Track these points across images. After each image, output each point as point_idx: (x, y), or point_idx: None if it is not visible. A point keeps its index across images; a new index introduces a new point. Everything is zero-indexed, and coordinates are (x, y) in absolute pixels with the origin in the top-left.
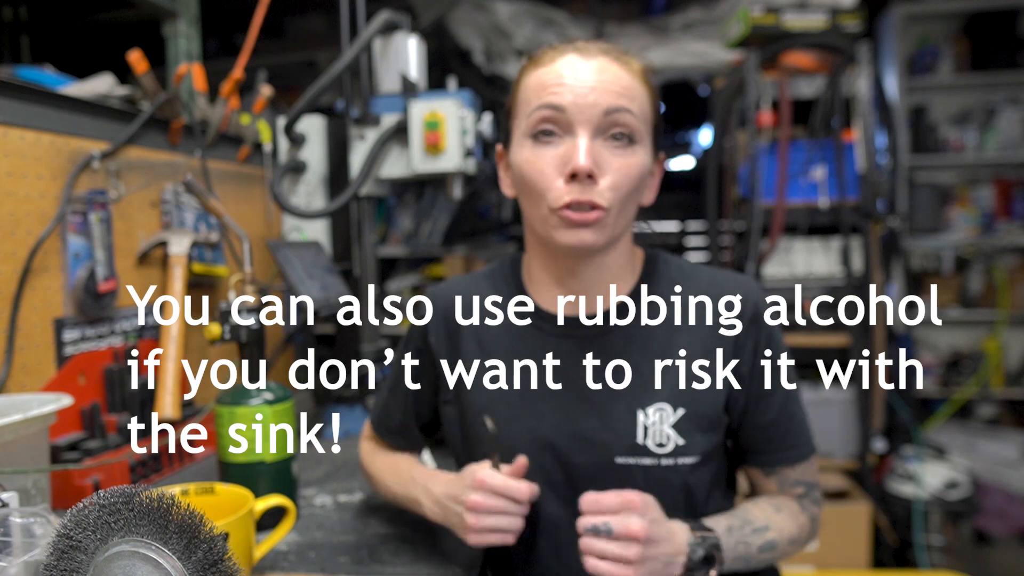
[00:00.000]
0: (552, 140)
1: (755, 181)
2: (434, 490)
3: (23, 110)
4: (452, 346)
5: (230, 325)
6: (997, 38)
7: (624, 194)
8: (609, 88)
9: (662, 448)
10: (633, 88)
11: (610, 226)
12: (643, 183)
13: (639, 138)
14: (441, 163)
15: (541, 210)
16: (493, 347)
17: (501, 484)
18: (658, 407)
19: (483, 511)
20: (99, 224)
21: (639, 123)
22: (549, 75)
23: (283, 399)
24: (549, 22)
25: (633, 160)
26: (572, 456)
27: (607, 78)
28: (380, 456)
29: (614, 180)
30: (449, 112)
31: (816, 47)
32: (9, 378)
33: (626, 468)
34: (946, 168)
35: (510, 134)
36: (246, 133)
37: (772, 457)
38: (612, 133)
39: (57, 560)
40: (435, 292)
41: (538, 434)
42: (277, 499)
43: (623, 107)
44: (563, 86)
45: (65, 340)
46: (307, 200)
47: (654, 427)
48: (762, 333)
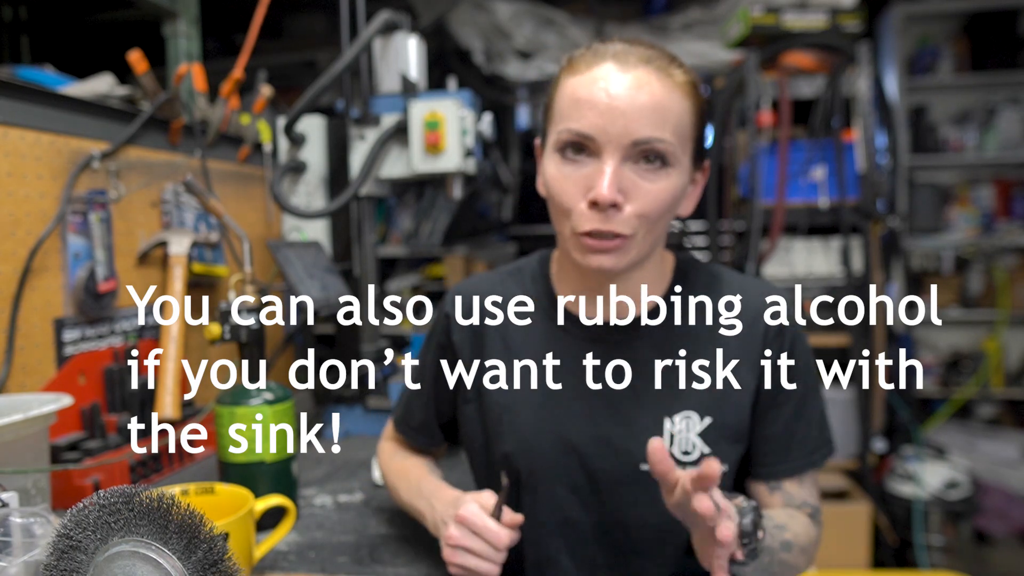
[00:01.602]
0: (579, 159)
1: (755, 181)
2: (436, 507)
3: (23, 110)
4: (476, 345)
5: (230, 325)
6: (997, 38)
7: (652, 220)
8: (642, 112)
9: (688, 456)
10: (671, 106)
11: (634, 251)
12: (676, 203)
13: (674, 160)
14: (441, 163)
15: (565, 229)
16: (518, 348)
17: (481, 525)
18: (685, 415)
19: (459, 547)
20: (99, 224)
21: (675, 146)
22: (581, 89)
23: (283, 399)
24: (549, 22)
25: (664, 185)
26: (596, 461)
27: (642, 98)
28: (397, 459)
29: (641, 207)
30: (449, 112)
31: (816, 47)
32: (9, 378)
33: (650, 475)
34: (946, 168)
35: (546, 135)
36: (246, 133)
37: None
38: (643, 161)
39: (57, 560)
40: (460, 289)
41: (562, 437)
42: (277, 499)
43: (654, 137)
44: (593, 108)
45: (65, 340)
46: (307, 200)
47: (680, 435)
48: (786, 345)
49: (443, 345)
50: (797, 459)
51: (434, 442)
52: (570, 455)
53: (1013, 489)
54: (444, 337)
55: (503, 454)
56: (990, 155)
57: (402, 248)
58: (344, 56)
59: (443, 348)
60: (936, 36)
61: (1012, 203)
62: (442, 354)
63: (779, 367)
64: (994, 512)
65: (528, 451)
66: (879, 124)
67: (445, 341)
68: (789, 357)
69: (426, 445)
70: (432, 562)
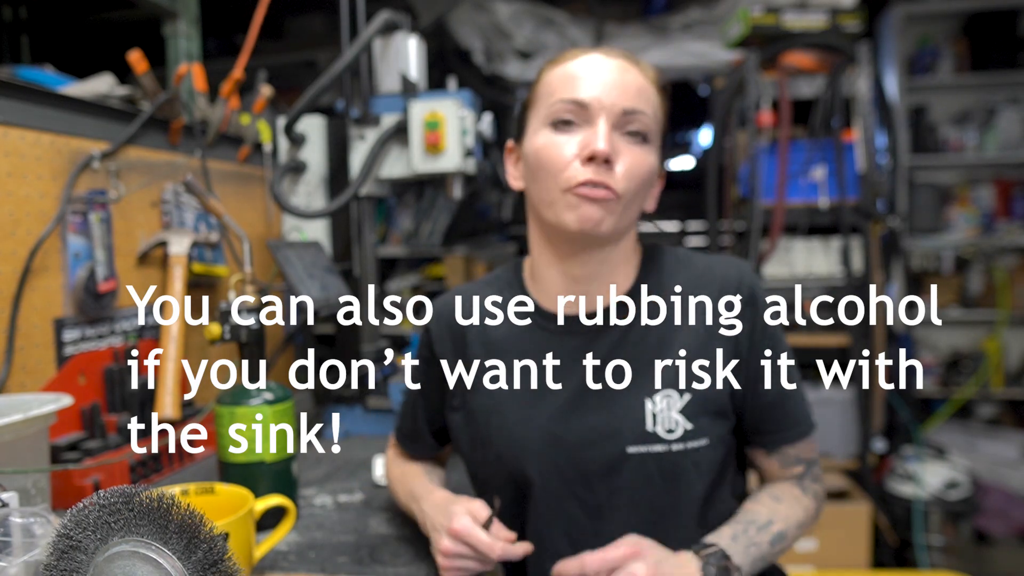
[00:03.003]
0: (571, 128)
1: (755, 181)
2: (426, 510)
3: (23, 110)
4: (458, 351)
5: (230, 325)
6: (997, 38)
7: (636, 184)
8: (629, 88)
9: (671, 434)
10: (650, 93)
11: (618, 214)
12: (651, 182)
13: (651, 139)
14: (441, 163)
15: (552, 193)
16: (498, 349)
17: (475, 539)
18: (665, 394)
19: (452, 557)
20: (99, 224)
21: (653, 128)
22: (573, 68)
23: (283, 399)
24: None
25: (646, 157)
26: (584, 450)
27: (628, 79)
28: (396, 465)
29: (628, 168)
30: (449, 112)
31: (816, 47)
32: (9, 378)
33: (639, 457)
34: (946, 168)
35: (524, 127)
36: (246, 133)
37: (775, 437)
38: (628, 130)
39: (57, 560)
40: (438, 302)
41: (550, 432)
42: (277, 499)
43: (641, 109)
44: (586, 80)
45: (65, 340)
46: (307, 200)
47: (662, 413)
48: (758, 314)
49: (427, 358)
50: (795, 426)
51: (424, 449)
52: (559, 448)
53: (1013, 489)
54: (427, 350)
55: (495, 456)
56: (990, 155)
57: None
58: (344, 56)
59: (427, 361)
60: (936, 36)
61: (1012, 203)
62: (427, 367)
63: (755, 336)
64: (994, 512)
65: (519, 450)
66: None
67: (428, 354)
68: (763, 326)
69: (420, 452)
70: (432, 562)
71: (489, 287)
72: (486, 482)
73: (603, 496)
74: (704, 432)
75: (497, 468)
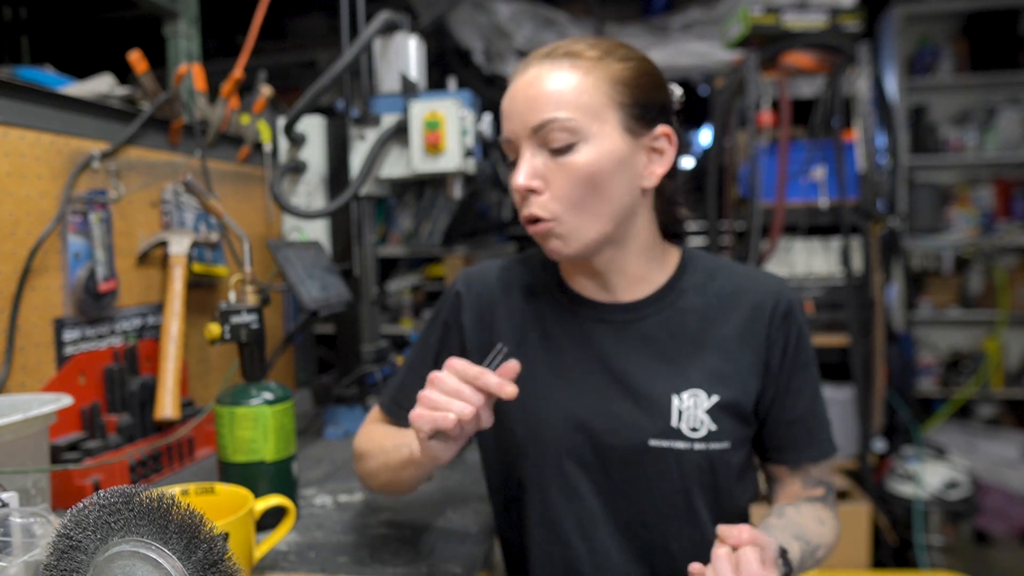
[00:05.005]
0: (515, 163)
1: (755, 181)
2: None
3: (23, 110)
4: (485, 327)
5: (230, 325)
6: (997, 38)
7: (573, 201)
8: (533, 102)
9: (695, 432)
10: (564, 86)
11: (568, 235)
12: (610, 177)
13: (584, 134)
14: (441, 163)
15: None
16: (528, 328)
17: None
18: (692, 392)
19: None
20: (99, 224)
21: (577, 120)
22: (504, 104)
23: (283, 399)
24: (549, 22)
25: (576, 163)
26: (605, 437)
27: (532, 93)
28: (377, 427)
29: (555, 192)
30: (449, 112)
31: (816, 47)
32: (9, 378)
33: (659, 451)
34: (946, 168)
35: None
36: (246, 133)
37: (799, 455)
38: (551, 147)
39: (57, 560)
40: (472, 271)
41: (572, 414)
42: (277, 499)
43: (545, 120)
44: (508, 113)
45: (65, 340)
46: (307, 200)
47: (688, 411)
48: (792, 330)
49: (449, 324)
50: (820, 445)
51: None
52: (580, 431)
53: (1013, 489)
54: (452, 316)
55: (510, 430)
56: (990, 155)
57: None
58: (344, 56)
59: (448, 327)
60: (936, 36)
61: (1012, 203)
62: (447, 332)
63: (787, 352)
64: (994, 512)
65: (537, 425)
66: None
67: (453, 321)
68: (797, 342)
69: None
70: (432, 562)
71: (522, 265)
72: (499, 459)
73: (618, 483)
74: (727, 435)
75: (510, 444)
